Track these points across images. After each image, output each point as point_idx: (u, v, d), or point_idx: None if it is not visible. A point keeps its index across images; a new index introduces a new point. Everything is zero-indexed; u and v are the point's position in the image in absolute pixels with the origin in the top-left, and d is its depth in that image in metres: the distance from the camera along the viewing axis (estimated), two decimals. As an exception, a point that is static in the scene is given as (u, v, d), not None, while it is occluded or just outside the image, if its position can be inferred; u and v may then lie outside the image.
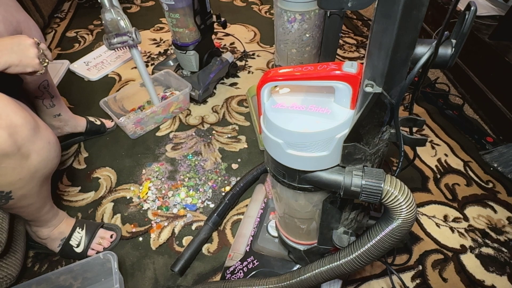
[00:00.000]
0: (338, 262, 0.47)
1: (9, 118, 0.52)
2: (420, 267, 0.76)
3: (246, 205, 0.86)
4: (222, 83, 1.31)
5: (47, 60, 0.67)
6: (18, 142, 0.53)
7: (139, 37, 0.89)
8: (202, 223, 0.85)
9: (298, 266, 0.65)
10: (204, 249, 0.80)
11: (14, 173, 0.55)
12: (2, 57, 0.58)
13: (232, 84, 1.30)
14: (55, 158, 0.63)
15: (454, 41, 0.31)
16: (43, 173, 0.61)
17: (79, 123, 1.03)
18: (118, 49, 0.90)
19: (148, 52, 1.50)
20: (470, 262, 0.76)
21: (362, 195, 0.39)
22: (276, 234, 0.71)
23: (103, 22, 0.84)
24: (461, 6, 1.18)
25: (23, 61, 0.60)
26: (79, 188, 0.94)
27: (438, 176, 0.95)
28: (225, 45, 1.53)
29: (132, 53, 0.95)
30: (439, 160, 1.00)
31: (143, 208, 0.89)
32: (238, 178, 0.94)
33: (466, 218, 0.85)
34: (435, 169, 0.97)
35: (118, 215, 0.88)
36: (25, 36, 0.62)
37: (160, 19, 1.75)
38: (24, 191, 0.59)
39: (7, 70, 0.59)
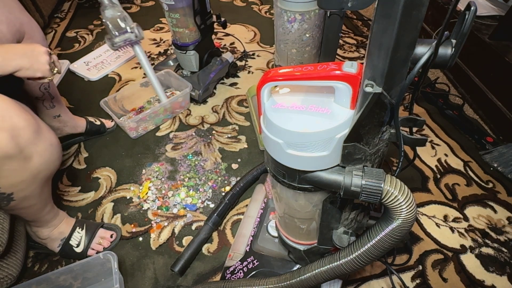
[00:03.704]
0: (338, 262, 0.47)
1: (11, 120, 0.52)
2: (420, 267, 0.76)
3: (246, 205, 0.86)
4: (222, 83, 1.31)
5: (56, 69, 0.70)
6: (20, 144, 0.53)
7: (142, 33, 0.88)
8: (202, 223, 0.85)
9: (298, 266, 0.65)
10: (204, 249, 0.80)
11: (16, 175, 0.55)
12: (15, 60, 0.60)
13: (232, 84, 1.30)
14: (57, 160, 0.63)
15: (454, 41, 0.31)
16: (45, 174, 0.61)
17: (79, 124, 1.03)
18: (121, 48, 0.88)
19: (148, 52, 1.50)
20: (470, 262, 0.76)
21: (362, 195, 0.39)
22: (276, 234, 0.71)
23: (103, 20, 0.82)
24: (461, 6, 1.18)
25: (34, 66, 0.63)
26: (79, 188, 0.94)
27: (438, 176, 0.95)
28: (225, 45, 1.53)
29: (135, 50, 0.93)
30: (439, 160, 1.00)
31: (143, 208, 0.89)
32: (238, 178, 0.94)
33: (466, 218, 0.85)
34: (435, 169, 0.97)
35: (118, 215, 0.88)
36: (39, 45, 0.66)
37: (160, 19, 1.75)
38: (25, 193, 0.60)
39: (17, 73, 0.62)
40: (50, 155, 0.60)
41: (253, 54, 1.46)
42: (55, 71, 0.69)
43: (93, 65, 1.41)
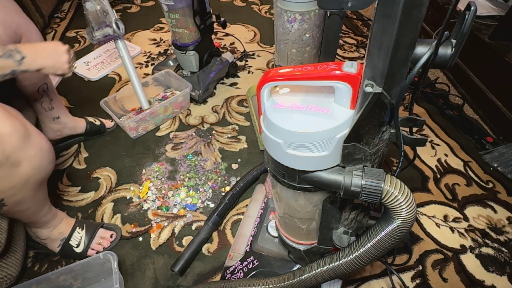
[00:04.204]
0: (338, 262, 0.47)
1: None
2: (420, 267, 0.76)
3: (246, 205, 0.86)
4: (222, 83, 1.31)
5: (74, 65, 0.74)
6: (6, 151, 0.52)
7: (122, 28, 0.86)
8: (202, 223, 0.85)
9: (298, 266, 0.65)
10: (204, 249, 0.80)
11: (4, 182, 0.54)
12: (40, 60, 0.65)
13: (232, 84, 1.30)
14: (49, 164, 0.62)
15: (454, 41, 0.31)
16: (37, 179, 0.60)
17: (78, 125, 1.02)
18: (102, 43, 0.87)
19: (148, 52, 1.50)
20: (470, 262, 0.76)
21: (362, 195, 0.39)
22: (276, 234, 0.71)
23: (84, 12, 0.82)
24: (461, 6, 1.18)
25: (56, 65, 0.68)
26: (79, 188, 0.94)
27: (438, 176, 0.95)
28: (225, 45, 1.53)
29: (117, 46, 0.91)
30: (439, 160, 1.00)
31: (143, 208, 0.89)
32: (238, 178, 0.94)
33: (466, 218, 0.85)
34: (435, 169, 0.97)
35: (118, 215, 0.88)
36: (60, 43, 0.70)
37: (160, 19, 1.75)
38: (17, 198, 0.59)
39: (40, 71, 0.67)
40: (40, 160, 0.59)
41: (253, 54, 1.46)
42: (74, 67, 0.73)
43: (93, 65, 1.41)
